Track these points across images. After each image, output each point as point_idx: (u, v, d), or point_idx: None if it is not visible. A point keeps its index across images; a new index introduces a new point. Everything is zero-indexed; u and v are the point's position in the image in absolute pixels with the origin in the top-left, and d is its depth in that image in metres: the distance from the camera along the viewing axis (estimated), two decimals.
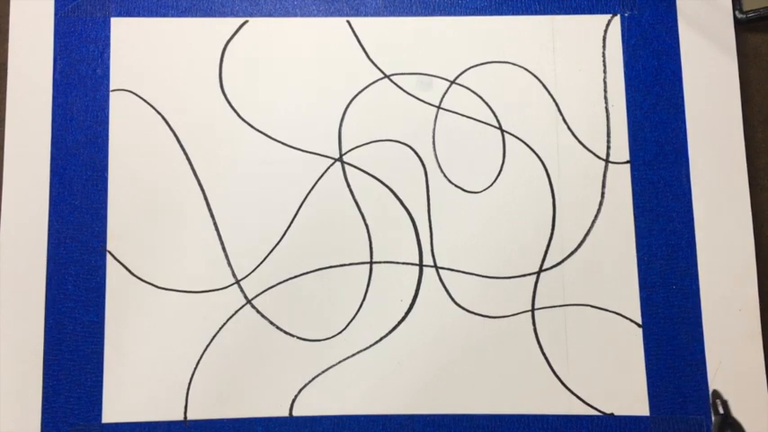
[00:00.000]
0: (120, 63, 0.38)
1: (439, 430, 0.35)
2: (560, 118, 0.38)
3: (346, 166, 0.37)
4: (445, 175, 0.37)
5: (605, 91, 0.38)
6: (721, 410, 0.33)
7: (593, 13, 0.39)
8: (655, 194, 0.37)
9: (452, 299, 0.36)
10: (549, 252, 0.37)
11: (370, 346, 0.36)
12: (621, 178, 0.37)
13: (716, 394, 0.33)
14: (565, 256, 0.37)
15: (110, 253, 0.36)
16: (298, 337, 0.36)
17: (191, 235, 0.37)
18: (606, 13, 0.39)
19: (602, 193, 0.37)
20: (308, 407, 0.35)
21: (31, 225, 0.36)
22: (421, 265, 0.37)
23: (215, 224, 0.37)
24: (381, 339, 0.36)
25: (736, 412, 0.35)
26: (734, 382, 0.36)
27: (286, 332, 0.36)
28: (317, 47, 0.38)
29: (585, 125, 0.38)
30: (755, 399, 0.36)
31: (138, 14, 0.38)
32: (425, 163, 0.37)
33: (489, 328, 0.36)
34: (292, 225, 0.37)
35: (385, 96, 0.38)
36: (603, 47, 0.38)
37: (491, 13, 0.39)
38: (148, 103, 0.38)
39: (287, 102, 0.38)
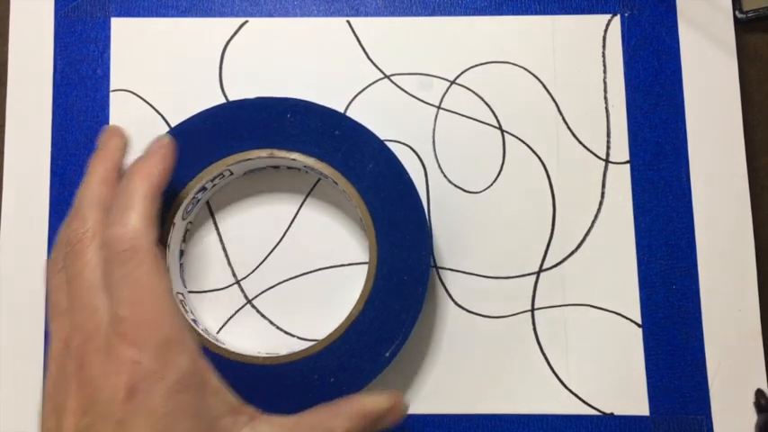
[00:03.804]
0: (120, 63, 0.38)
1: (439, 430, 0.35)
2: (560, 118, 0.38)
3: None
4: (445, 175, 0.37)
5: (605, 91, 0.38)
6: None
7: (593, 13, 0.39)
8: (655, 194, 0.37)
9: (452, 299, 0.36)
10: (549, 252, 0.37)
11: None
12: (621, 178, 0.37)
13: (760, 393, 0.33)
14: (565, 256, 0.37)
15: None
16: (298, 337, 0.36)
17: (191, 234, 0.37)
18: (606, 13, 0.39)
19: (602, 193, 0.37)
20: None
21: (31, 225, 0.36)
22: None
23: (215, 223, 0.37)
24: None
25: (736, 412, 0.35)
26: (734, 382, 0.36)
27: (286, 332, 0.36)
28: (317, 47, 0.38)
29: (585, 125, 0.38)
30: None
31: (138, 14, 0.38)
32: (425, 163, 0.38)
33: (489, 328, 0.36)
34: (293, 224, 0.37)
35: (385, 96, 0.38)
36: (603, 47, 0.38)
37: (491, 13, 0.39)
38: (148, 104, 0.38)
39: None
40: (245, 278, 0.37)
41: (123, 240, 0.27)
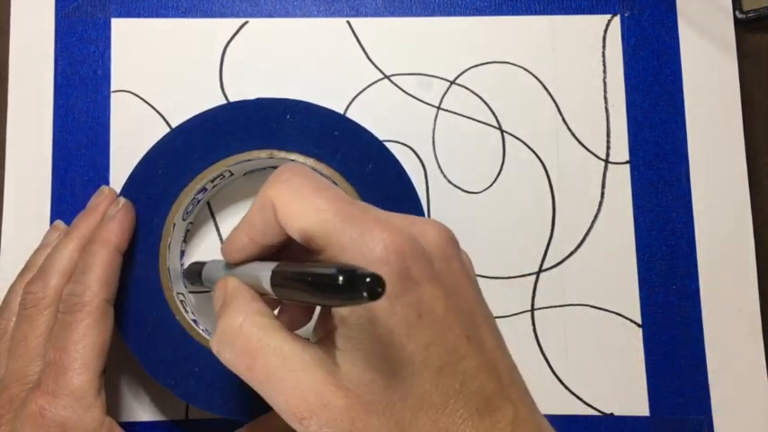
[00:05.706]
0: (120, 64, 0.38)
1: None
2: (560, 118, 0.38)
3: None
4: (445, 176, 0.37)
5: (605, 91, 0.38)
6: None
7: (593, 13, 0.39)
8: (655, 194, 0.37)
9: None
10: (549, 252, 0.37)
11: None
12: (621, 178, 0.37)
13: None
14: (565, 256, 0.37)
15: None
16: None
17: (191, 235, 0.37)
18: (606, 13, 0.39)
19: (602, 194, 0.37)
20: None
21: (33, 227, 0.36)
22: None
23: (215, 224, 0.37)
24: None
25: (736, 412, 0.35)
26: (734, 382, 0.36)
27: None
28: (317, 47, 0.38)
29: (585, 125, 0.38)
30: (755, 399, 0.36)
31: (139, 15, 0.39)
32: (425, 163, 0.38)
33: None
34: None
35: (385, 97, 0.38)
36: (603, 47, 0.38)
37: (491, 14, 0.39)
38: (149, 104, 0.38)
39: None
40: None
41: (77, 294, 0.30)
